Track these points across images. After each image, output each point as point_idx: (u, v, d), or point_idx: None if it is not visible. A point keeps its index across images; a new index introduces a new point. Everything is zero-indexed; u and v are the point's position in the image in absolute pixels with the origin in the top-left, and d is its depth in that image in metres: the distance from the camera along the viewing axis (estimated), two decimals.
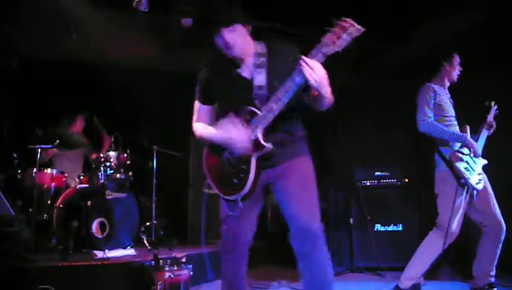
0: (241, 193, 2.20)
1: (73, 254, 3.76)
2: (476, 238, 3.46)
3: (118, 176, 4.67)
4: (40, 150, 4.41)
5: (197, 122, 2.41)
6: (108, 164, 4.62)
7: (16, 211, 4.20)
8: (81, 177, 4.79)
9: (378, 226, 4.78)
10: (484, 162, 3.43)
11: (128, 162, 4.79)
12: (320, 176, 2.28)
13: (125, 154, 4.78)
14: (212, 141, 2.32)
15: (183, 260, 3.23)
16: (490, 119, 3.52)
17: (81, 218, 4.12)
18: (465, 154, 3.30)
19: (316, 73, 1.93)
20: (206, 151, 2.38)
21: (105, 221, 4.23)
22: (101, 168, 4.59)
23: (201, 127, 2.37)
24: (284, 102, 2.06)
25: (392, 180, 4.89)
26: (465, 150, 3.31)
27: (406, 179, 4.86)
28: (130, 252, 4.16)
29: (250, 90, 2.19)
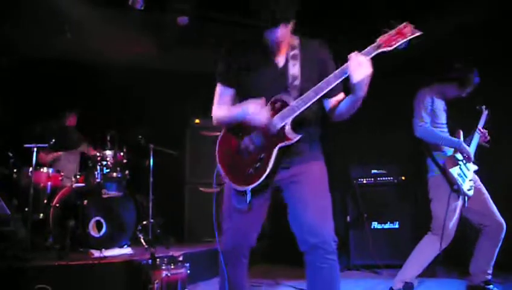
0: (255, 184, 2.07)
1: (70, 253, 3.75)
2: (473, 236, 3.48)
3: (114, 174, 4.66)
4: (36, 149, 4.38)
5: (220, 107, 2.24)
6: (104, 162, 4.61)
7: (12, 211, 4.19)
8: (78, 176, 4.78)
9: (375, 224, 4.79)
10: (475, 167, 3.46)
11: (124, 160, 4.78)
12: None
13: (122, 153, 4.77)
14: (232, 121, 2.17)
15: (180, 259, 3.23)
16: (481, 126, 3.53)
17: (77, 217, 4.11)
18: (459, 160, 3.32)
19: (362, 70, 1.90)
20: (221, 137, 2.24)
21: (102, 220, 4.22)
22: (98, 167, 4.58)
23: (224, 109, 2.22)
24: (319, 95, 2.02)
25: (388, 178, 4.90)
26: (459, 156, 3.33)
27: (403, 177, 4.87)
28: (127, 251, 4.16)
29: (284, 79, 2.13)
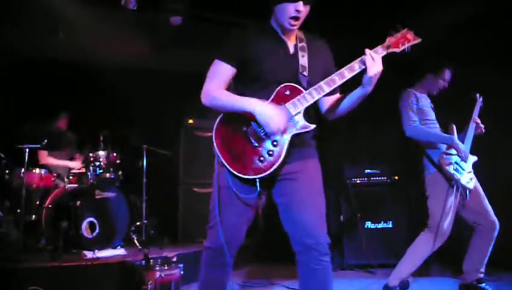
0: (267, 172, 1.97)
1: (63, 254, 3.72)
2: (467, 235, 3.49)
3: (107, 175, 4.63)
4: (28, 150, 4.35)
5: (218, 85, 2.09)
6: (97, 163, 4.58)
7: (4, 212, 4.16)
8: (70, 177, 4.75)
9: (369, 224, 4.80)
10: (474, 158, 3.44)
11: (118, 161, 4.75)
12: None
13: (115, 154, 4.75)
14: (235, 111, 2.03)
15: (174, 260, 3.22)
16: (475, 116, 3.52)
17: (70, 218, 4.07)
18: (453, 155, 3.33)
19: (376, 66, 2.01)
20: (221, 121, 2.07)
21: (95, 221, 4.20)
22: (91, 168, 4.55)
23: (226, 95, 2.07)
24: (332, 88, 2.05)
25: (382, 178, 4.92)
26: (453, 151, 3.34)
27: (396, 177, 4.89)
28: (120, 252, 4.14)
29: (295, 67, 2.10)
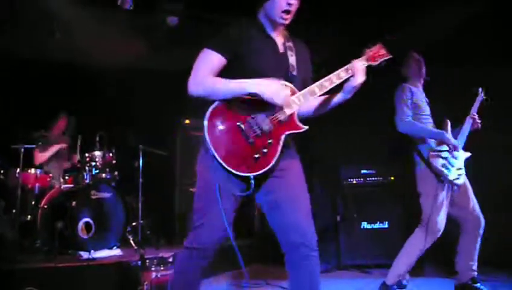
0: (263, 170, 1.96)
1: (59, 255, 3.72)
2: (458, 234, 3.51)
3: (103, 175, 4.64)
4: (23, 150, 4.34)
5: (208, 73, 2.02)
6: (93, 163, 4.58)
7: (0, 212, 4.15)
8: (66, 177, 4.74)
9: (365, 224, 4.81)
10: (467, 155, 3.45)
11: (114, 161, 4.75)
12: (306, 174, 2.24)
13: (111, 154, 4.74)
14: (231, 95, 1.98)
15: (170, 260, 3.22)
16: (474, 111, 3.52)
17: (66, 218, 4.07)
18: (443, 151, 3.35)
19: (361, 76, 2.07)
20: (212, 117, 1.98)
21: (91, 221, 4.19)
22: (87, 168, 4.54)
23: (219, 80, 2.01)
24: (322, 92, 2.08)
25: (378, 178, 4.93)
26: (444, 147, 3.36)
27: (392, 177, 4.90)
28: (116, 252, 4.14)
29: (286, 66, 2.11)
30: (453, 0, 4.44)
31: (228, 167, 1.95)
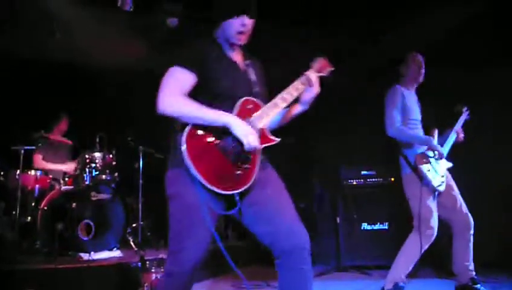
0: (245, 186, 1.98)
1: (59, 256, 3.72)
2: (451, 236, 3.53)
3: (103, 177, 4.62)
4: (22, 151, 4.34)
5: (180, 93, 2.03)
6: (93, 165, 4.57)
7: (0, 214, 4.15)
8: (66, 178, 4.73)
9: (365, 225, 4.81)
10: (449, 165, 3.52)
11: (114, 163, 4.74)
12: (306, 175, 2.25)
13: (111, 155, 4.74)
14: (203, 123, 1.96)
15: None
16: (458, 127, 3.61)
17: (66, 220, 4.07)
18: (429, 157, 3.38)
19: (317, 88, 2.20)
20: (190, 136, 1.95)
21: (91, 223, 4.19)
22: (87, 169, 4.54)
23: (192, 105, 1.98)
24: (285, 104, 2.14)
25: (378, 179, 4.93)
26: (430, 153, 3.40)
27: (392, 178, 4.90)
28: (116, 254, 4.14)
29: (249, 83, 2.17)
30: (453, 0, 4.44)
31: (213, 188, 1.91)
